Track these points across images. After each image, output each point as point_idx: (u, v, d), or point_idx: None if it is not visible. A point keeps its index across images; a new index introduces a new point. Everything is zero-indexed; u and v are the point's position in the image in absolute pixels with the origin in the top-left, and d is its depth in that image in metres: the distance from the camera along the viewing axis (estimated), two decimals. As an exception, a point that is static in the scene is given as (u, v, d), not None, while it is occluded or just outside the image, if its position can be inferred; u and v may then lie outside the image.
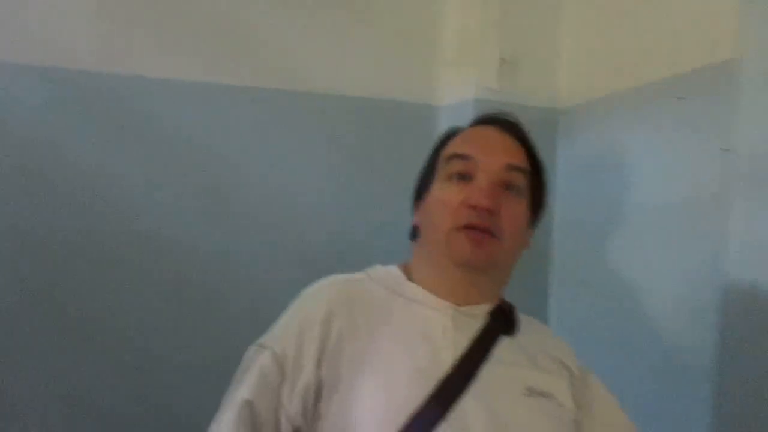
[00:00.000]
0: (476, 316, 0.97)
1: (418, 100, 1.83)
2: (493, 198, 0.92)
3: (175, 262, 1.62)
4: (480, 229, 0.91)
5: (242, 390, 0.90)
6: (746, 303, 1.00)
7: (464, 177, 0.96)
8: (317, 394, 0.89)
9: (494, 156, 0.96)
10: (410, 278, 1.00)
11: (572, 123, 1.75)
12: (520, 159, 0.99)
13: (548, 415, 0.93)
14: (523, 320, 1.03)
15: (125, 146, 1.59)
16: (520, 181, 0.97)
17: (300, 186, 1.73)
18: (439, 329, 0.94)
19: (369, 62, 1.80)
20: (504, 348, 0.96)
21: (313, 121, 1.75)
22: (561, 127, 1.78)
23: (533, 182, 1.01)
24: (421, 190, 1.04)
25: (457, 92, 1.81)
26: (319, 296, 0.97)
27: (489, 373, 0.91)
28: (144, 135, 1.61)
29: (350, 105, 1.77)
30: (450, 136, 1.05)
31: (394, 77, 1.82)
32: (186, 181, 1.64)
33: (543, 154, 1.70)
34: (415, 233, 1.03)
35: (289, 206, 1.73)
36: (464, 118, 1.16)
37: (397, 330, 0.93)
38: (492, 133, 1.01)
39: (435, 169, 1.01)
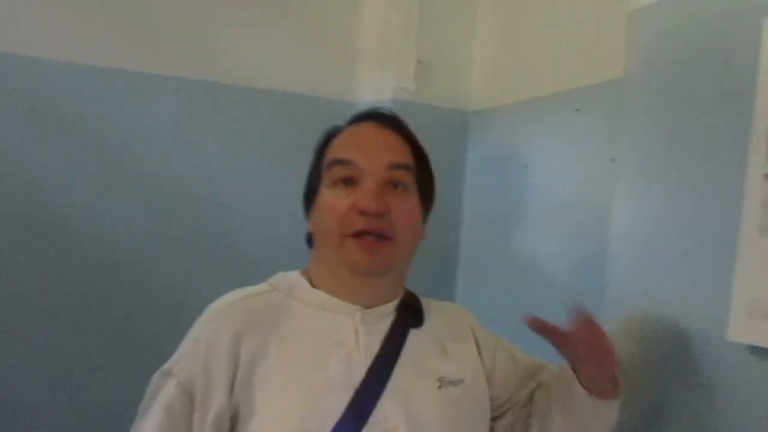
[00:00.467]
0: (384, 316, 0.96)
1: (336, 96, 1.88)
2: (381, 200, 0.90)
3: (88, 252, 1.60)
4: (372, 233, 0.90)
5: (146, 424, 0.86)
6: (624, 292, 1.13)
7: (349, 182, 0.93)
8: (233, 421, 0.86)
9: (376, 157, 0.93)
10: (314, 285, 0.97)
11: (481, 125, 1.86)
12: (402, 155, 0.96)
13: (461, 403, 0.95)
14: (425, 305, 1.03)
15: (44, 133, 1.56)
16: (406, 176, 0.95)
17: (220, 176, 1.74)
18: (351, 334, 0.92)
19: (290, 57, 1.83)
20: (414, 342, 0.96)
21: (233, 112, 1.76)
22: (471, 128, 1.89)
23: (419, 174, 0.98)
24: (309, 196, 1.00)
25: (374, 91, 1.87)
26: (223, 317, 0.92)
27: (403, 370, 0.91)
28: (61, 121, 1.58)
29: (269, 98, 1.80)
30: (329, 137, 1.00)
31: (314, 73, 1.86)
32: (104, 167, 1.62)
33: (454, 152, 1.84)
34: (310, 240, 1.00)
35: (210, 197, 1.73)
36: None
37: (308, 341, 0.91)
38: (371, 132, 0.98)
39: (320, 172, 0.97)
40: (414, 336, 0.96)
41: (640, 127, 1.15)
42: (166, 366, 0.90)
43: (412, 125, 1.03)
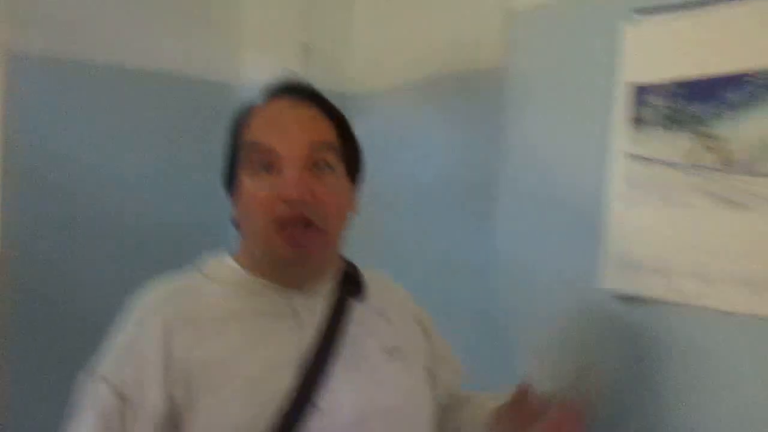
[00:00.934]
0: (324, 292, 0.93)
1: (220, 78, 1.86)
2: (304, 185, 0.85)
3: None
4: (298, 222, 0.85)
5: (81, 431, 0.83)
6: (509, 264, 1.28)
7: (270, 168, 0.87)
8: (174, 419, 0.82)
9: (295, 139, 0.87)
10: (246, 269, 0.92)
11: (363, 108, 1.94)
12: (323, 132, 0.90)
13: (410, 372, 0.93)
14: (367, 276, 0.99)
15: None
16: (330, 155, 0.89)
17: (96, 156, 1.67)
18: (289, 316, 0.89)
19: (172, 37, 1.77)
20: (358, 314, 0.93)
21: (111, 93, 1.69)
22: (353, 112, 1.96)
23: (344, 148, 0.92)
24: (230, 178, 0.93)
25: (257, 73, 1.88)
26: (151, 313, 0.87)
27: (349, 346, 0.88)
28: None
29: (150, 79, 1.74)
30: (244, 117, 0.93)
31: (197, 54, 1.82)
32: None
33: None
34: (237, 224, 0.95)
35: (83, 176, 1.65)
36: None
37: (245, 327, 0.87)
38: (287, 110, 0.91)
39: (237, 154, 0.91)
40: (357, 308, 0.93)
41: (521, 114, 1.29)
42: (96, 369, 0.86)
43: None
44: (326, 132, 0.91)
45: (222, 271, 0.92)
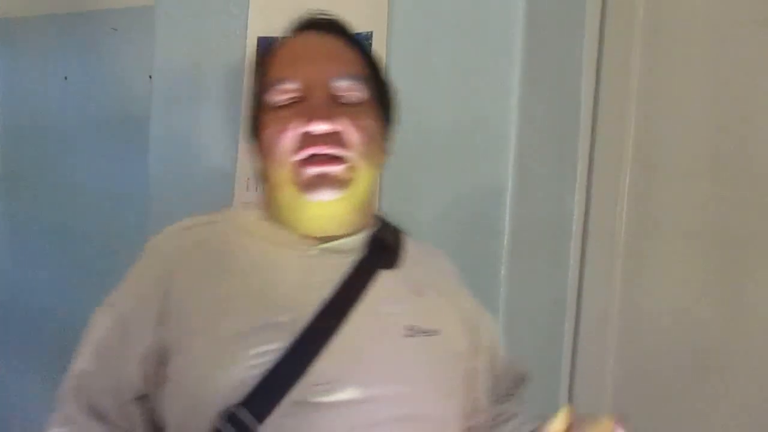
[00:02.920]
0: (346, 251, 0.83)
1: None
2: (329, 117, 0.78)
3: None
4: (323, 156, 0.78)
5: (81, 358, 0.83)
6: (163, 190, 1.42)
7: (293, 102, 0.80)
8: (161, 358, 0.79)
9: (319, 70, 0.81)
10: (269, 217, 0.86)
11: (12, 34, 1.84)
12: (351, 64, 0.83)
13: (432, 354, 0.82)
14: (411, 245, 0.90)
15: None
16: (357, 89, 0.82)
17: None
18: (300, 271, 0.81)
19: None
20: (382, 284, 0.82)
21: None
22: (1, 37, 1.85)
23: (374, 85, 0.85)
24: (253, 124, 0.87)
25: None
26: (159, 250, 0.86)
27: (362, 315, 0.79)
28: None
29: None
30: (266, 57, 0.87)
31: None
32: None
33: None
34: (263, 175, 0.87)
35: None
36: None
37: (247, 278, 0.81)
38: (311, 43, 0.84)
39: (262, 98, 0.84)
40: (384, 277, 0.83)
41: (172, 49, 1.42)
42: (108, 297, 0.86)
43: None
44: (356, 64, 0.84)
45: (241, 217, 0.89)
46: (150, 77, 1.52)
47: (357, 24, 1.16)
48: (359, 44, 0.87)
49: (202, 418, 0.74)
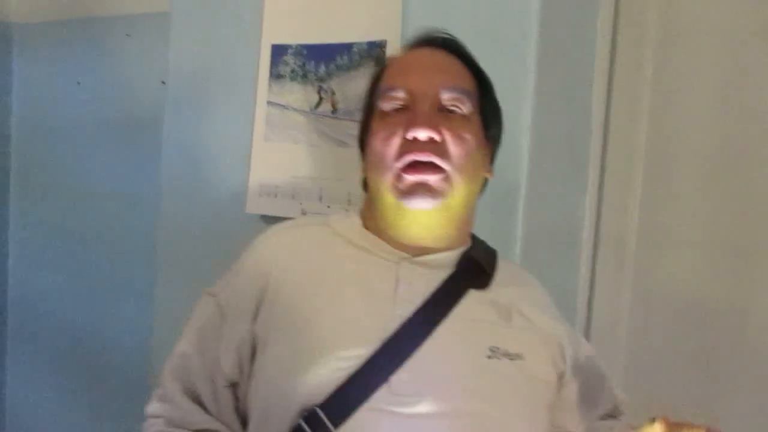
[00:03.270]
0: (438, 267, 0.85)
1: None
2: (431, 125, 0.80)
3: None
4: (423, 164, 0.80)
5: (183, 340, 0.88)
6: (175, 194, 1.43)
7: (400, 110, 0.83)
8: (252, 351, 0.83)
9: (428, 80, 0.83)
10: (366, 226, 0.89)
11: (28, 40, 1.86)
12: (459, 78, 0.86)
13: (513, 377, 0.81)
14: (503, 267, 0.90)
15: None
16: (464, 101, 0.84)
17: None
18: (389, 282, 0.82)
19: None
20: (470, 303, 0.83)
21: None
22: (16, 42, 1.87)
23: (482, 102, 0.88)
24: (363, 134, 0.90)
25: None
26: (263, 247, 0.89)
27: (447, 332, 0.80)
28: None
29: None
30: (379, 70, 0.91)
31: None
32: None
33: (-2, 66, 1.80)
34: (366, 183, 0.91)
35: None
36: None
37: (340, 283, 0.83)
38: (424, 56, 0.88)
39: (373, 108, 0.88)
40: (473, 297, 0.84)
41: (185, 56, 1.43)
42: (213, 287, 0.90)
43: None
44: (464, 78, 0.87)
45: (341, 223, 0.90)
46: (163, 82, 1.53)
47: (370, 32, 1.18)
48: (472, 63, 0.90)
49: (283, 415, 0.76)
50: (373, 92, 0.89)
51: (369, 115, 0.89)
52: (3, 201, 1.88)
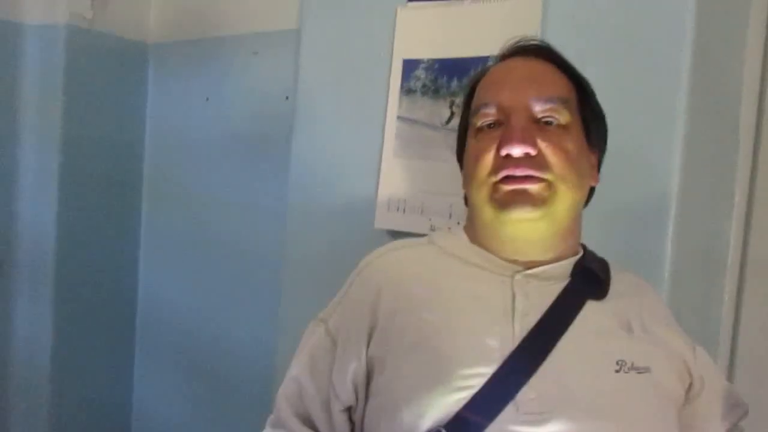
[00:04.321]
0: (553, 279, 0.81)
1: (1, 16, 1.75)
2: (527, 139, 0.77)
3: None
4: (520, 177, 0.77)
5: (295, 365, 0.88)
6: (302, 203, 1.45)
7: (494, 125, 0.81)
8: (368, 376, 0.81)
9: (520, 93, 0.80)
10: (473, 241, 0.85)
11: (162, 58, 1.97)
12: (554, 87, 0.82)
13: (644, 393, 0.77)
14: (617, 277, 0.85)
15: None
16: (561, 111, 0.80)
17: None
18: (505, 297, 0.79)
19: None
20: (590, 315, 0.79)
21: None
22: (151, 61, 1.98)
23: (582, 108, 0.84)
24: (460, 150, 0.89)
25: (44, 13, 1.80)
26: (370, 270, 0.87)
27: (569, 345, 0.76)
28: None
29: None
30: (475, 83, 0.89)
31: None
32: None
33: (134, 84, 1.92)
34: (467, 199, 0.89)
35: None
36: (53, 42, 1.27)
37: (453, 302, 0.80)
38: (515, 67, 0.84)
39: (468, 124, 0.86)
40: (591, 308, 0.80)
41: (313, 72, 1.46)
42: (321, 312, 0.90)
43: (89, 54, 1.02)
44: (558, 86, 0.83)
45: (448, 240, 0.88)
46: (287, 98, 1.57)
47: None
48: (568, 68, 0.86)
49: None
50: (467, 108, 0.88)
51: (464, 132, 0.87)
52: (136, 212, 1.98)
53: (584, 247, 0.87)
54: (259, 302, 1.66)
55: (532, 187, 0.77)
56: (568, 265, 0.83)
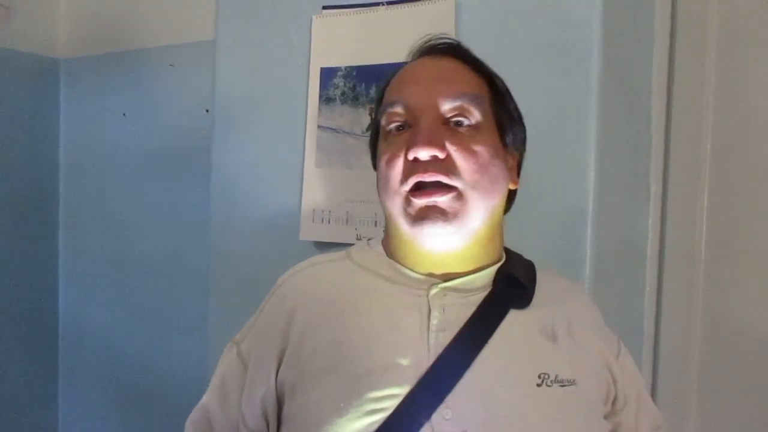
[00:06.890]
0: (473, 290, 0.77)
1: None
2: (434, 142, 0.72)
3: None
4: (432, 184, 0.73)
5: (208, 393, 0.85)
6: (225, 217, 1.41)
7: (403, 127, 0.77)
8: (279, 400, 0.78)
9: (428, 92, 0.76)
10: (390, 254, 0.81)
11: (75, 74, 1.88)
12: (462, 84, 0.77)
13: (568, 407, 0.74)
14: (545, 281, 0.82)
15: None
16: (469, 111, 0.76)
17: None
18: (422, 312, 0.75)
19: None
20: (512, 325, 0.75)
21: None
22: (63, 76, 1.90)
23: (495, 106, 0.80)
24: (372, 154, 0.85)
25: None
26: (283, 290, 0.84)
27: (489, 360, 0.73)
28: None
29: None
30: (386, 85, 0.84)
31: None
32: None
33: (45, 100, 1.83)
34: None
35: None
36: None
37: (368, 319, 0.76)
38: (425, 66, 0.81)
39: (378, 126, 0.82)
40: (514, 318, 0.76)
41: (229, 85, 1.42)
42: (237, 335, 0.87)
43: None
44: (468, 84, 0.78)
45: (364, 255, 0.84)
46: (207, 110, 1.53)
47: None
48: (479, 65, 0.82)
49: None
50: (376, 111, 0.84)
51: (377, 136, 0.83)
52: (53, 233, 1.89)
53: (508, 252, 0.84)
54: (187, 320, 1.61)
55: (442, 200, 0.73)
56: (489, 273, 0.79)
